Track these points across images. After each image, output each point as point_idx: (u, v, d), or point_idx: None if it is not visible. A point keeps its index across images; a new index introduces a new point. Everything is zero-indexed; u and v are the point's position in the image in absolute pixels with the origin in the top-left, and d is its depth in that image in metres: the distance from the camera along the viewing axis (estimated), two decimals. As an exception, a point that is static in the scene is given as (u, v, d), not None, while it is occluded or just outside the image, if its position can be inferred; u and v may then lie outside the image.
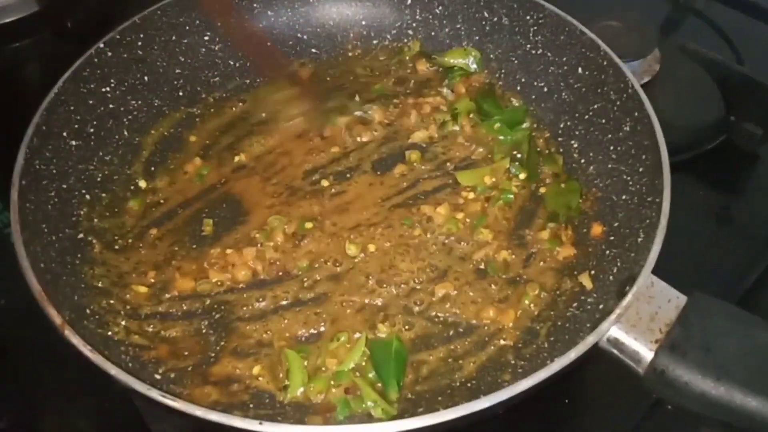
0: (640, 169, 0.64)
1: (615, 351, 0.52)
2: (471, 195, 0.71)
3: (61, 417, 0.65)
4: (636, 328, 0.52)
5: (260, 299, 0.64)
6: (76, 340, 0.50)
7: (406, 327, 0.62)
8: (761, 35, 0.98)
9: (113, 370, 0.49)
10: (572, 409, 0.64)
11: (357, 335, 0.60)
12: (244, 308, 0.63)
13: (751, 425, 0.47)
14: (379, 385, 0.58)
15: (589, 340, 0.50)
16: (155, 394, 0.47)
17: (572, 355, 0.49)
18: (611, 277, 0.59)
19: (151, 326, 0.62)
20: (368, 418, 0.56)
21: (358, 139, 0.76)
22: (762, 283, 0.80)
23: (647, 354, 0.51)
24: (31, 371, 0.67)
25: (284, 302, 0.64)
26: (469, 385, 0.57)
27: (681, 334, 0.51)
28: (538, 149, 0.74)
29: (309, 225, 0.68)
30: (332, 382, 0.58)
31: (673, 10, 0.99)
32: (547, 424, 0.63)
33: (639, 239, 0.58)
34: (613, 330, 0.51)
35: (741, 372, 0.48)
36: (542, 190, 0.71)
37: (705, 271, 0.70)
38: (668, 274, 0.55)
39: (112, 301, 0.62)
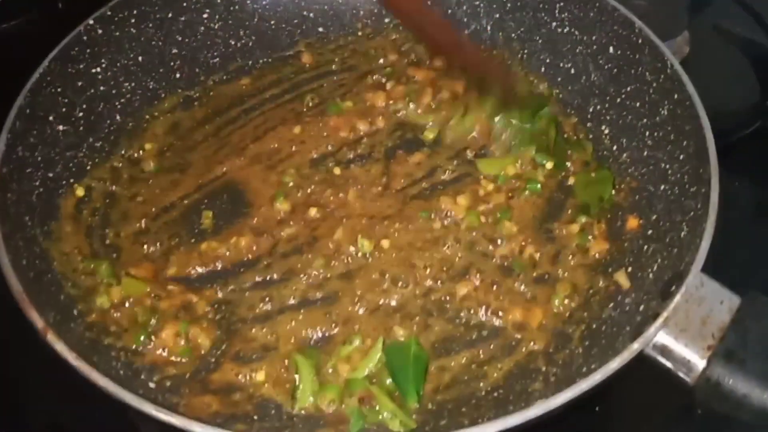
0: (681, 157, 0.59)
1: (662, 359, 0.47)
2: (492, 186, 0.65)
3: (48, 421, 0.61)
4: (686, 333, 0.46)
5: (266, 299, 0.59)
6: (59, 346, 0.46)
7: (425, 329, 0.57)
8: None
9: (101, 381, 0.44)
10: (603, 422, 0.59)
11: (371, 339, 0.55)
12: (248, 309, 0.58)
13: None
14: (397, 393, 0.52)
15: (634, 347, 0.45)
16: (149, 407, 0.42)
17: (615, 364, 0.44)
18: (651, 275, 0.54)
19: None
20: (385, 431, 0.51)
21: (369, 125, 0.71)
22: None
23: (699, 362, 0.46)
24: (15, 373, 0.62)
25: (291, 302, 0.59)
26: (495, 394, 0.52)
27: (737, 339, 0.46)
28: (565, 135, 0.69)
29: (316, 214, 0.63)
30: (345, 391, 0.52)
31: (702, -10, 0.94)
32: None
33: (682, 233, 0.53)
34: (660, 335, 0.46)
35: (808, 383, 0.43)
36: (571, 180, 0.66)
37: (753, 269, 0.65)
38: (713, 273, 0.50)
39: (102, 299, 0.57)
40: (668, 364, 0.47)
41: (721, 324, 0.47)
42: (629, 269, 0.57)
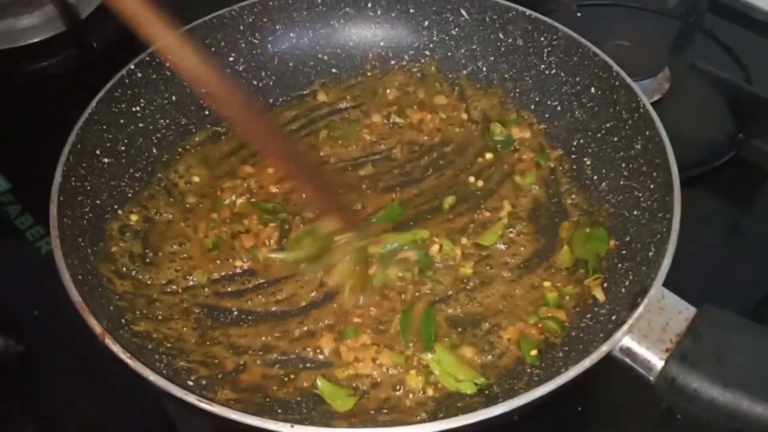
0: (651, 186, 0.66)
1: (627, 360, 0.54)
2: None
3: (90, 423, 0.67)
4: (647, 338, 0.54)
5: (301, 323, 0.66)
6: (116, 348, 0.53)
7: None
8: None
9: (152, 377, 0.52)
10: (584, 418, 0.66)
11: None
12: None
13: (755, 430, 0.50)
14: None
15: (603, 349, 0.52)
16: (192, 399, 0.50)
17: (587, 363, 0.52)
18: (623, 290, 0.61)
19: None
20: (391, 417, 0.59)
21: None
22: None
23: (658, 363, 0.53)
24: (62, 379, 0.69)
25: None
26: (486, 392, 0.59)
27: (691, 344, 0.53)
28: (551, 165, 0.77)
29: None
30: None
31: (682, 29, 1.01)
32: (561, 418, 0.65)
33: (650, 253, 0.60)
34: (625, 340, 0.54)
35: (749, 380, 0.50)
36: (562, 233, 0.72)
37: (716, 285, 0.72)
38: (679, 287, 0.57)
39: (145, 311, 0.65)
40: (632, 365, 0.54)
41: (678, 331, 0.54)
42: (605, 284, 0.64)
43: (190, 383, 0.59)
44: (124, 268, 0.68)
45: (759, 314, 0.70)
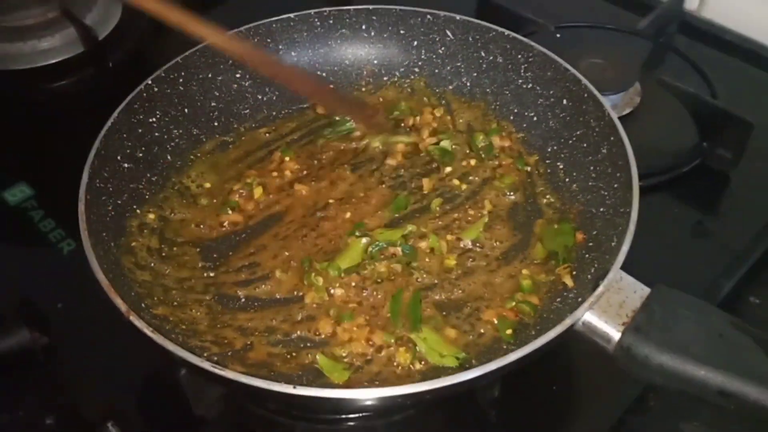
0: (615, 186, 0.74)
1: (588, 332, 0.61)
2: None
3: (108, 410, 0.73)
4: (606, 314, 0.61)
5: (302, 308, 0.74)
6: (140, 324, 0.60)
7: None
8: (733, 71, 1.08)
9: (171, 347, 0.58)
10: (559, 396, 0.73)
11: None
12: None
13: (700, 392, 0.57)
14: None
15: (567, 322, 0.60)
16: (207, 365, 0.57)
17: (552, 333, 0.59)
18: (589, 276, 0.69)
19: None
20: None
21: None
22: (735, 290, 0.90)
23: (615, 335, 0.60)
24: (82, 368, 0.76)
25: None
26: (467, 366, 0.67)
27: (644, 318, 0.60)
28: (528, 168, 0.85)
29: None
30: None
31: (653, 49, 1.10)
32: (538, 406, 0.72)
33: (612, 243, 0.68)
34: (587, 315, 0.61)
35: (692, 348, 0.58)
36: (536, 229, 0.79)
37: (676, 274, 0.78)
38: (642, 275, 0.64)
39: (162, 298, 0.72)
40: (593, 337, 0.62)
41: (634, 307, 0.61)
42: (574, 272, 0.72)
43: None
44: (143, 261, 0.75)
45: (708, 297, 0.76)
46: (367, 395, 0.57)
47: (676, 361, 0.57)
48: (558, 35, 1.08)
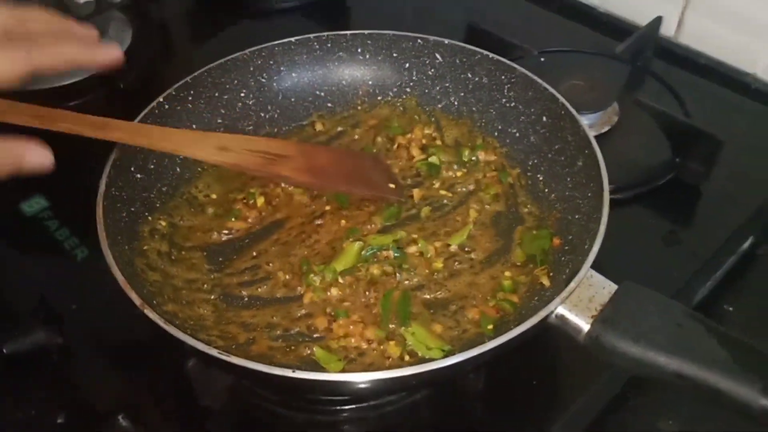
0: (589, 194, 0.80)
1: (561, 324, 0.67)
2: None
3: (119, 406, 0.78)
4: (577, 307, 0.67)
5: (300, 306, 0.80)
6: (152, 315, 0.66)
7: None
8: (706, 92, 1.15)
9: (182, 336, 0.64)
10: (539, 391, 0.78)
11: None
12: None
13: (660, 375, 0.62)
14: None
15: (541, 314, 0.65)
16: (214, 352, 0.63)
17: (528, 324, 0.65)
18: (564, 276, 0.75)
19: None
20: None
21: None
22: (710, 298, 0.96)
23: (585, 326, 0.66)
24: (94, 366, 0.81)
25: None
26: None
27: (611, 311, 0.66)
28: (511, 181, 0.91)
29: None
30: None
31: (631, 72, 1.17)
32: (520, 400, 0.78)
33: (585, 246, 0.74)
34: (560, 309, 0.67)
35: (654, 337, 0.64)
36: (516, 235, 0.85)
37: (630, 268, 0.83)
38: (617, 277, 0.70)
39: (171, 296, 0.78)
40: (565, 328, 0.67)
41: (602, 301, 0.67)
42: (551, 274, 0.78)
43: (210, 351, 0.72)
44: (154, 263, 0.81)
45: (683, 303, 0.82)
46: (359, 378, 0.63)
47: (638, 348, 0.63)
48: (542, 59, 1.15)
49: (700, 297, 0.99)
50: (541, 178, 0.89)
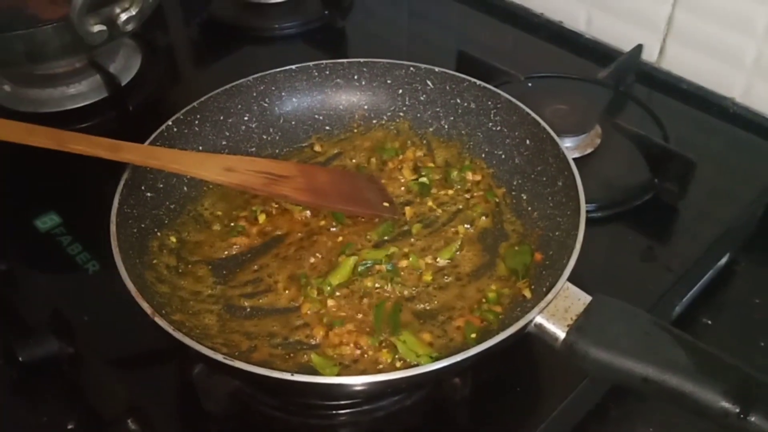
0: (568, 213, 0.85)
1: (539, 332, 0.73)
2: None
3: (127, 414, 0.83)
4: (554, 317, 0.72)
5: (299, 317, 0.84)
6: (162, 323, 0.71)
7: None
8: (685, 116, 1.21)
9: (188, 342, 0.69)
10: (523, 398, 0.83)
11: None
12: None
13: (628, 380, 0.68)
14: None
15: (520, 323, 0.71)
16: (219, 357, 0.68)
17: (509, 332, 0.70)
18: (544, 289, 0.80)
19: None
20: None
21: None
22: (689, 312, 1.02)
23: (561, 334, 0.71)
24: (104, 373, 0.86)
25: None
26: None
27: (585, 320, 0.72)
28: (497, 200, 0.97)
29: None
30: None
31: (614, 97, 1.23)
32: (504, 407, 0.82)
33: (563, 261, 0.79)
34: (538, 318, 0.72)
35: (624, 344, 0.69)
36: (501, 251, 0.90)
37: (604, 282, 0.90)
38: (578, 282, 0.76)
39: (179, 307, 0.83)
40: (543, 337, 0.73)
41: (577, 311, 0.72)
42: (532, 286, 0.83)
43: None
44: (163, 276, 0.86)
45: (661, 317, 0.87)
46: (353, 381, 0.69)
47: (608, 354, 0.69)
48: (529, 84, 1.21)
49: (679, 311, 1.05)
50: (524, 197, 0.95)
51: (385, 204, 0.96)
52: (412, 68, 1.04)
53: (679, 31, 1.26)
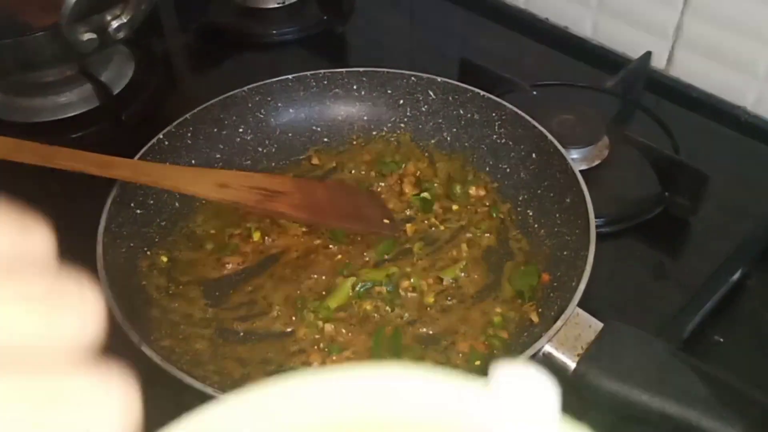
0: (577, 231, 0.82)
1: (548, 362, 0.69)
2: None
3: None
4: (564, 346, 0.69)
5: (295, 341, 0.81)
6: (149, 353, 0.68)
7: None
8: (696, 126, 1.17)
9: (178, 374, 0.66)
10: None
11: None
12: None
13: (645, 415, 0.64)
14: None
15: (528, 353, 0.68)
16: (210, 390, 0.65)
17: (515, 363, 0.67)
18: (552, 313, 0.76)
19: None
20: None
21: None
22: (700, 329, 0.98)
23: (571, 364, 0.68)
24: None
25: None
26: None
27: (596, 349, 0.68)
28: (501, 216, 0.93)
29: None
30: None
31: (622, 106, 1.19)
32: None
33: (573, 283, 0.76)
34: (547, 347, 0.69)
35: (638, 376, 0.66)
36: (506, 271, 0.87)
37: (616, 307, 0.87)
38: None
39: (169, 331, 0.80)
40: (552, 366, 0.70)
41: (588, 340, 0.69)
42: (539, 310, 0.80)
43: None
44: (152, 298, 0.83)
45: (673, 334, 0.84)
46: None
47: (623, 387, 0.65)
48: (534, 93, 1.17)
49: (690, 328, 1.00)
50: (531, 214, 0.91)
51: (386, 221, 0.92)
52: (413, 78, 1.01)
53: (689, 38, 1.22)
